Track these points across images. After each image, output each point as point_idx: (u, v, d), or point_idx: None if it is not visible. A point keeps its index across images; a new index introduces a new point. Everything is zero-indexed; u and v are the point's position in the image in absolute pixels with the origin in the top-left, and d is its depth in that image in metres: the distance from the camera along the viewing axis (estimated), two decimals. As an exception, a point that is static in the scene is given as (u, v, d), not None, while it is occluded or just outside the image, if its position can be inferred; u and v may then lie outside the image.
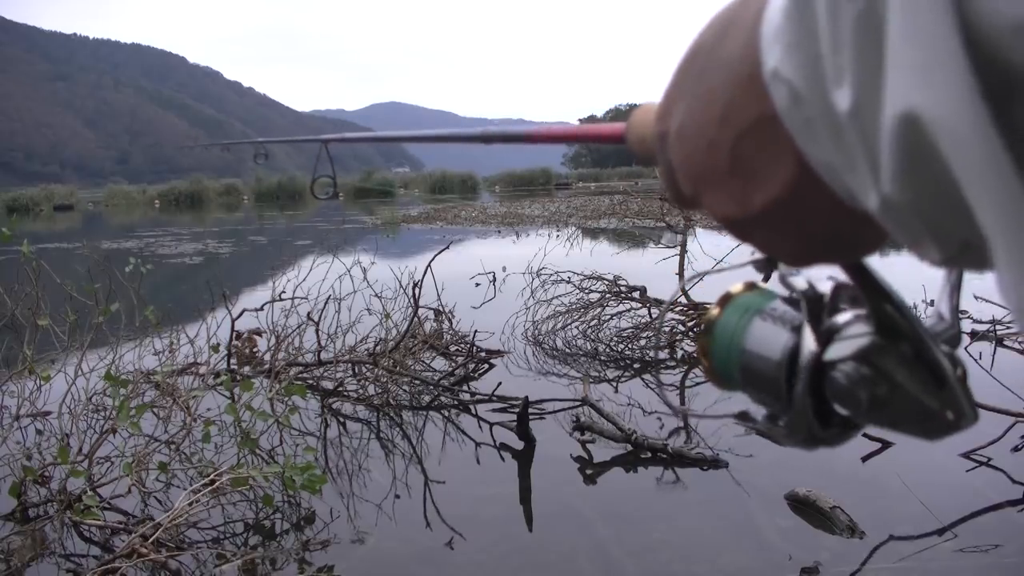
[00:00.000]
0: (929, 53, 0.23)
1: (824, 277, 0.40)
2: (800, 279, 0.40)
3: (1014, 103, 0.22)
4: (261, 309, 4.52)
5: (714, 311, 0.44)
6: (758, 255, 0.42)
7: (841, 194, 0.30)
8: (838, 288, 0.39)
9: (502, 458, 3.28)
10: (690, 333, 4.97)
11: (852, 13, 0.25)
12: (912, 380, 0.34)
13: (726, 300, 0.43)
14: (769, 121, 0.30)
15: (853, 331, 0.36)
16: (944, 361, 0.34)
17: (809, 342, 0.37)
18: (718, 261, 3.40)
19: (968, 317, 4.92)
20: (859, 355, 0.35)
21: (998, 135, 0.22)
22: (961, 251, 0.26)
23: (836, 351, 0.36)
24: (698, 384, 4.18)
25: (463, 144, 0.75)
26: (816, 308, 0.39)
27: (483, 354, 4.79)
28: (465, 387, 4.24)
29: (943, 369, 0.34)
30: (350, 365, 4.40)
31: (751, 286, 0.44)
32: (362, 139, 1.13)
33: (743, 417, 0.42)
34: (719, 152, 0.33)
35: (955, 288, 0.39)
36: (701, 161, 0.35)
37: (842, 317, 0.37)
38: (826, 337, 0.37)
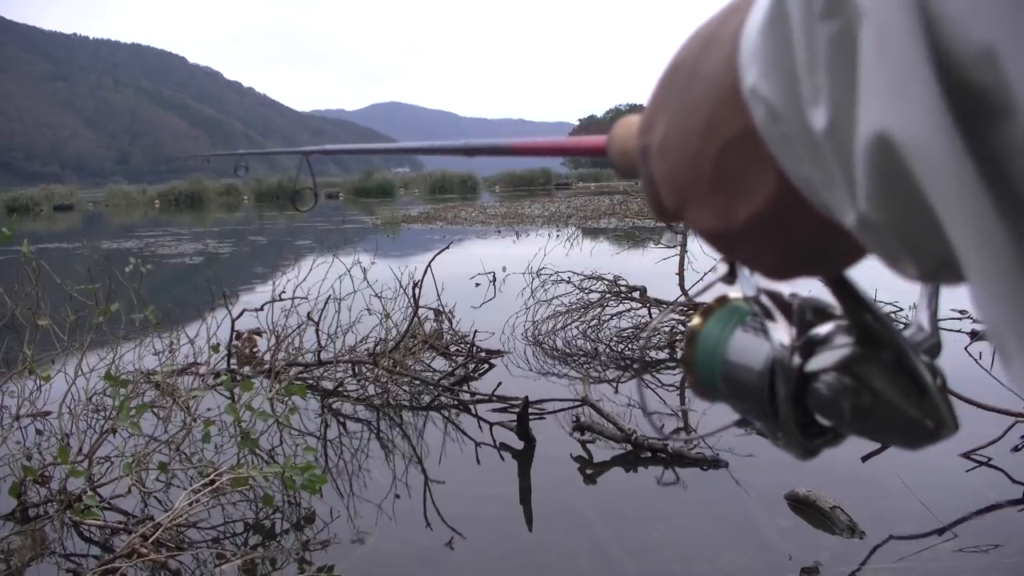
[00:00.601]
0: (901, 76, 0.23)
1: (787, 293, 0.40)
2: (750, 287, 0.41)
3: (984, 125, 0.23)
4: (261, 309, 4.52)
5: (696, 322, 0.44)
6: (723, 270, 0.42)
7: (821, 209, 0.30)
8: (803, 302, 0.39)
9: (502, 458, 3.28)
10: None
11: (826, 34, 0.25)
12: (894, 390, 0.34)
13: (708, 311, 0.44)
14: (752, 135, 0.30)
15: (834, 342, 0.36)
16: (924, 371, 0.34)
17: (778, 340, 0.37)
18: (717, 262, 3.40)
19: (968, 317, 4.92)
20: (841, 365, 0.35)
21: (969, 157, 0.23)
22: (938, 268, 0.27)
23: (818, 362, 0.36)
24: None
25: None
26: (783, 309, 0.39)
27: (483, 354, 4.79)
28: (465, 387, 4.24)
29: (924, 379, 0.34)
30: (350, 365, 4.40)
31: (734, 298, 0.44)
32: (343, 151, 1.15)
33: (743, 424, 0.42)
34: (702, 165, 0.34)
35: (933, 299, 0.39)
36: (684, 174, 0.35)
37: (823, 328, 0.37)
38: (807, 348, 0.37)
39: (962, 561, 2.29)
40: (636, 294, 5.42)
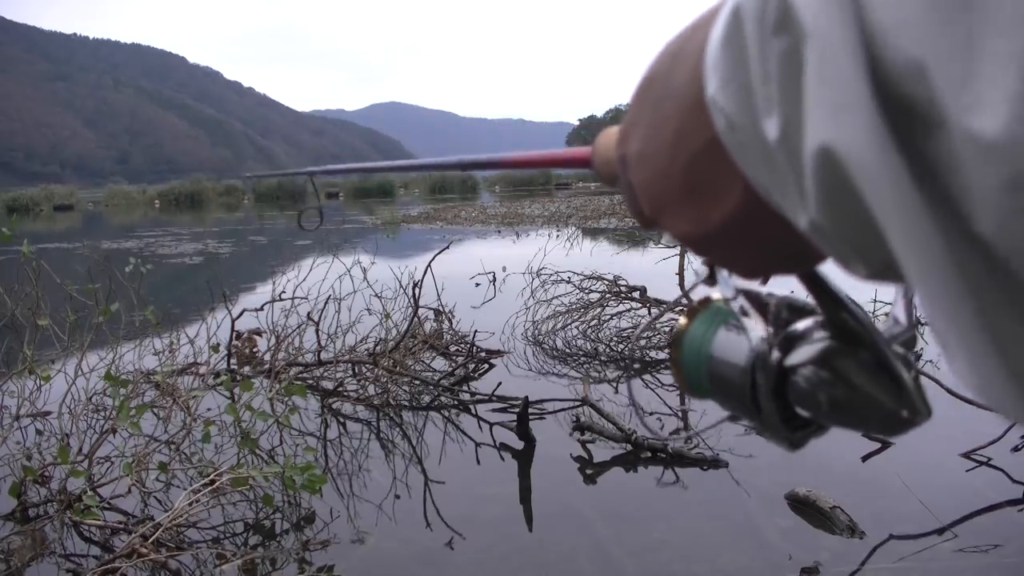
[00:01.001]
0: (841, 93, 0.24)
1: (765, 293, 0.42)
2: (729, 288, 0.43)
3: (919, 136, 0.24)
4: (261, 309, 4.52)
5: (682, 323, 0.46)
6: (704, 273, 0.45)
7: (780, 211, 0.31)
8: (780, 301, 0.41)
9: (502, 458, 3.28)
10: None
11: (777, 49, 0.26)
12: (868, 382, 0.35)
13: (693, 313, 0.46)
14: (718, 144, 0.32)
15: (811, 337, 0.38)
16: (897, 363, 0.36)
17: (757, 337, 0.39)
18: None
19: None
20: (818, 359, 0.37)
21: (906, 168, 0.24)
22: (886, 269, 0.28)
23: (797, 356, 0.38)
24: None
25: (462, 143, 0.78)
26: (761, 308, 0.41)
27: (483, 354, 4.79)
28: (465, 387, 4.24)
29: (896, 370, 0.35)
30: (350, 365, 4.40)
31: (716, 300, 0.46)
32: (346, 170, 1.21)
33: (734, 418, 0.44)
34: (675, 173, 0.35)
35: (909, 292, 0.41)
36: (659, 182, 0.37)
37: (801, 324, 0.39)
38: (787, 344, 0.38)
39: (962, 561, 2.29)
40: (636, 294, 5.43)
